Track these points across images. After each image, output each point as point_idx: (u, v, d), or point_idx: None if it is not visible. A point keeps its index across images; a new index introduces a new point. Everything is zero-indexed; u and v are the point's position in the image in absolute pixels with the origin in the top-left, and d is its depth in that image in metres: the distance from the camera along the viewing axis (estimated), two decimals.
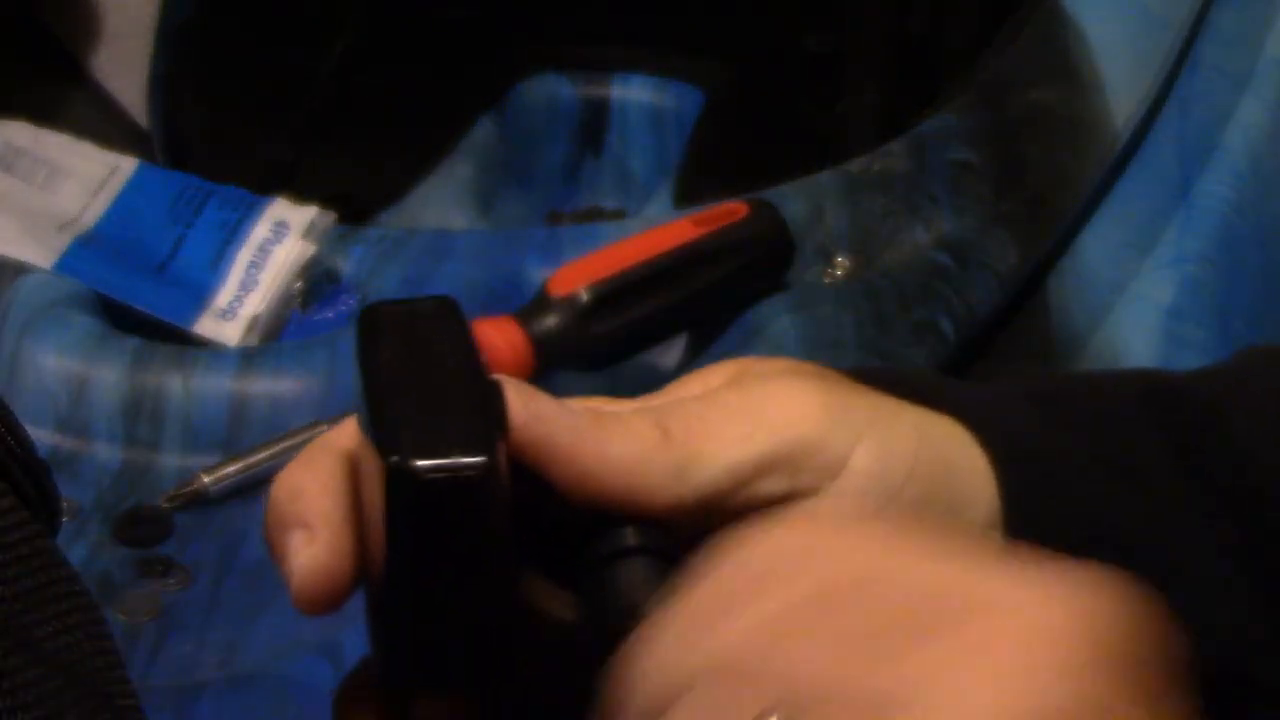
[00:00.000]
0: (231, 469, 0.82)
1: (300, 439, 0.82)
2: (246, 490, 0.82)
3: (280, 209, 0.93)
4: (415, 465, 0.43)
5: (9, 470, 0.49)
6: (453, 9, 1.28)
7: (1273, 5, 1.09)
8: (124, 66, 1.10)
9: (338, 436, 0.49)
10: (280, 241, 0.92)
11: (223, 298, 0.90)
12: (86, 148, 0.95)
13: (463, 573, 0.45)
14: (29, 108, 0.98)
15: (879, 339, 0.86)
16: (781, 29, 1.27)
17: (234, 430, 0.84)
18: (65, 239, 0.90)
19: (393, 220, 1.17)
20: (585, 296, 0.86)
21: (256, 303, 0.90)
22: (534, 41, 1.29)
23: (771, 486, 0.51)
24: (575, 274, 0.86)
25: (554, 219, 1.24)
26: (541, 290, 0.86)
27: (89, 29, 1.11)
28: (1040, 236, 0.93)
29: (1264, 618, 0.54)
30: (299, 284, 0.91)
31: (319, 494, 0.48)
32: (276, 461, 0.82)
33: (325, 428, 0.83)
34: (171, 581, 0.78)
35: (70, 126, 0.97)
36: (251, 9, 1.21)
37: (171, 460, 0.84)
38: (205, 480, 0.82)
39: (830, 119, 1.23)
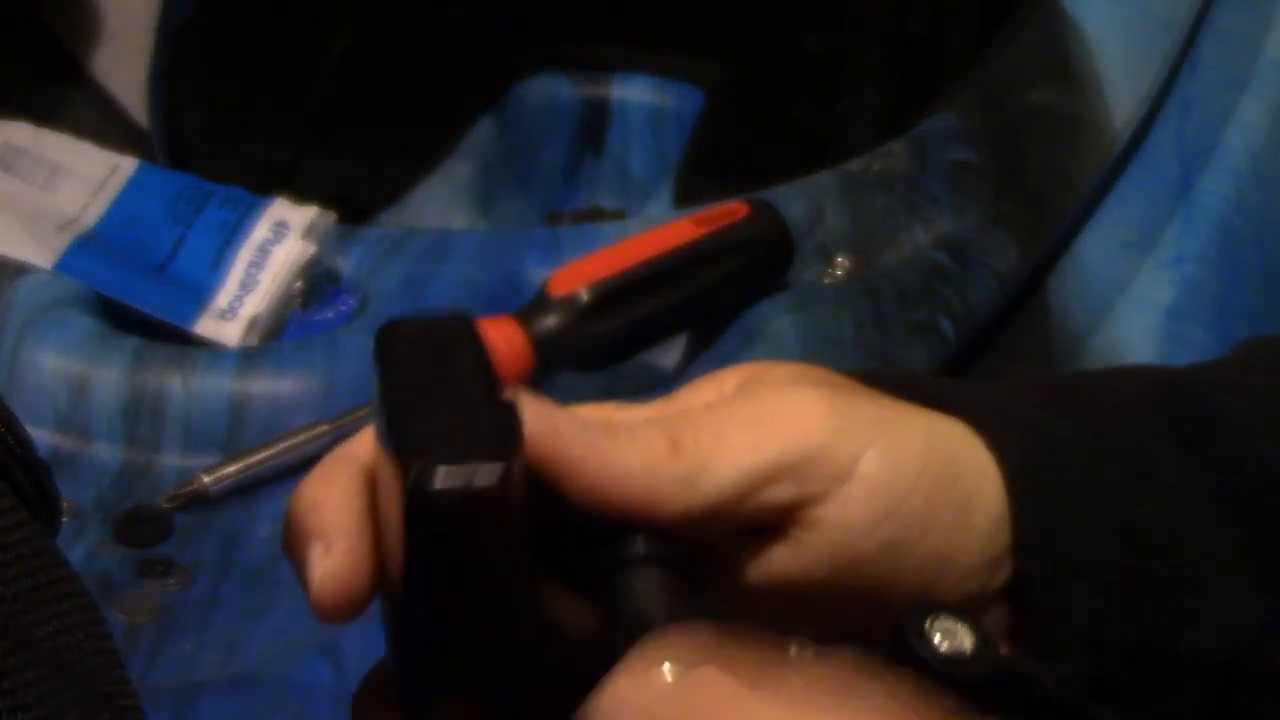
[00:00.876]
0: (231, 469, 0.82)
1: (300, 439, 0.82)
2: (246, 490, 0.82)
3: (280, 209, 0.93)
4: (433, 478, 0.44)
5: (9, 470, 0.49)
6: (453, 9, 1.28)
7: (1273, 5, 1.09)
8: (124, 66, 1.10)
9: (354, 448, 0.50)
10: (280, 241, 0.92)
11: (223, 298, 0.90)
12: (86, 148, 0.95)
13: (479, 583, 0.46)
14: (29, 108, 0.98)
15: (879, 339, 0.86)
16: (781, 29, 1.27)
17: (234, 430, 0.84)
18: (65, 239, 0.90)
19: (393, 220, 1.17)
20: (585, 296, 0.86)
21: (256, 303, 0.90)
22: (534, 41, 1.29)
23: (780, 494, 0.51)
24: (575, 274, 0.86)
25: (554, 219, 1.25)
26: (541, 290, 0.86)
27: (89, 29, 1.11)
28: (1040, 236, 0.93)
29: (1274, 610, 0.54)
30: (299, 284, 0.91)
31: (336, 506, 0.49)
32: (276, 461, 0.82)
33: (325, 428, 0.83)
34: (171, 581, 0.78)
35: (70, 126, 0.97)
36: (251, 9, 1.21)
37: (171, 460, 0.84)
38: (205, 480, 0.82)
39: (830, 119, 1.23)
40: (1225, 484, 0.54)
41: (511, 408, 0.47)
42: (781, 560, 0.52)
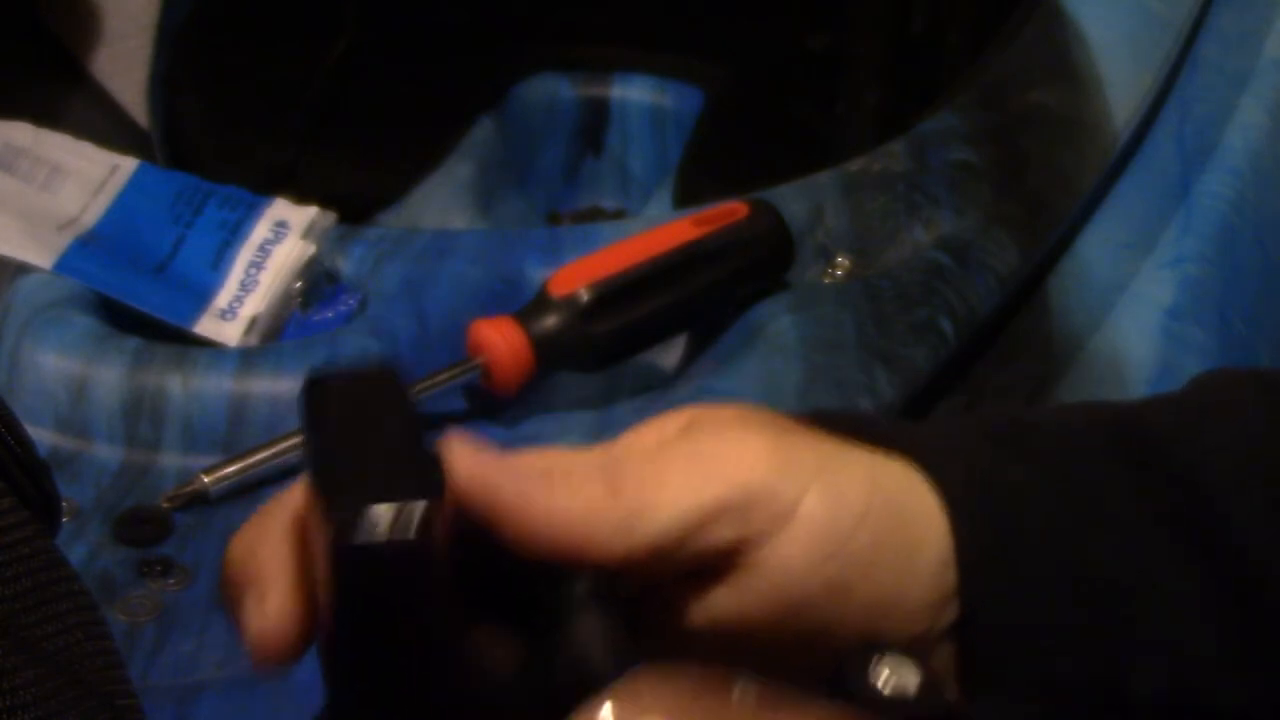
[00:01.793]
0: (231, 469, 0.82)
1: (300, 439, 0.82)
2: (246, 490, 0.82)
3: (280, 209, 0.93)
4: (355, 532, 0.45)
5: (9, 470, 0.49)
6: (452, 9, 1.29)
7: (1273, 5, 1.09)
8: (124, 66, 1.10)
9: (288, 497, 0.50)
10: (280, 241, 0.92)
11: (223, 298, 0.90)
12: (86, 148, 0.95)
13: (404, 629, 0.47)
14: (29, 108, 0.98)
15: (879, 339, 0.86)
16: (781, 29, 1.27)
17: (234, 430, 0.84)
18: (65, 239, 0.90)
19: (393, 220, 1.17)
20: (585, 296, 0.86)
21: (256, 303, 0.90)
22: (534, 41, 1.29)
23: (721, 535, 0.51)
24: (575, 274, 0.86)
25: (554, 219, 1.25)
26: (541, 290, 0.86)
27: (89, 29, 1.11)
28: (1040, 236, 0.93)
29: (1224, 643, 0.54)
30: (299, 284, 0.91)
31: (270, 556, 0.49)
32: (276, 461, 0.82)
33: None
34: (171, 581, 0.78)
35: (70, 126, 0.97)
36: (251, 9, 1.21)
37: (171, 460, 0.84)
38: (205, 480, 0.82)
39: (830, 119, 1.23)
40: (1176, 523, 0.54)
41: (435, 458, 0.49)
42: (724, 601, 0.52)
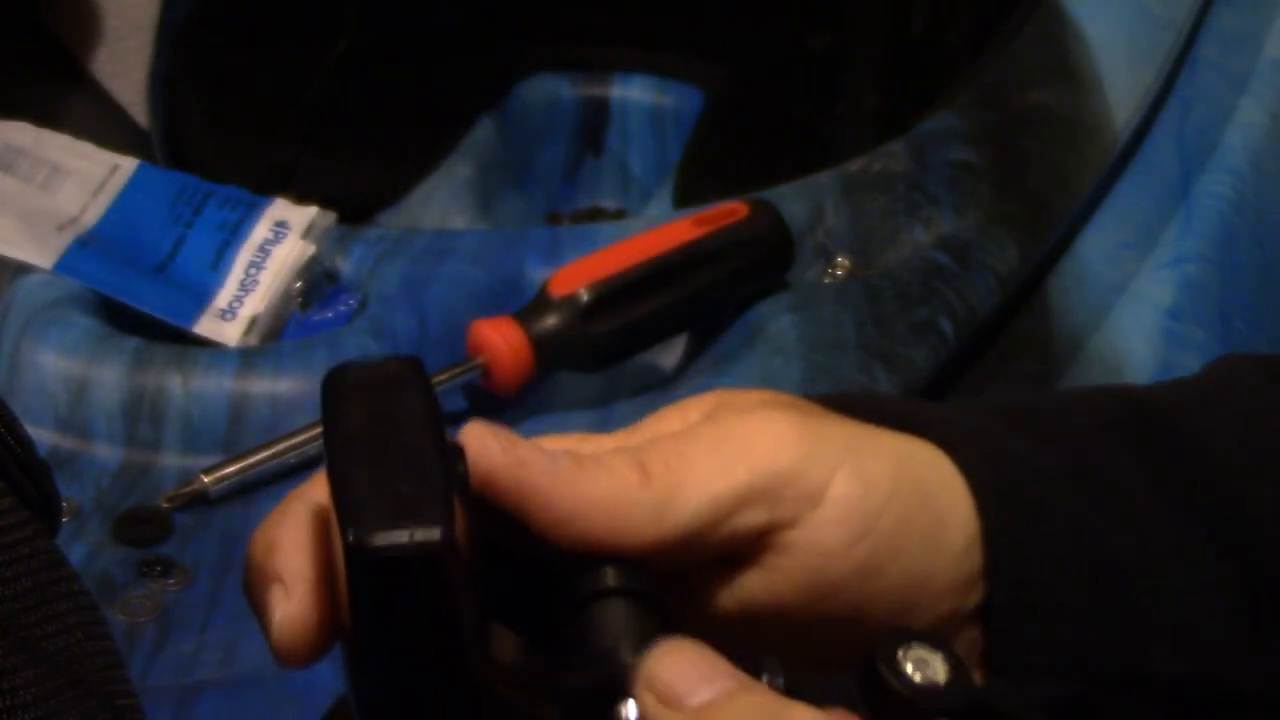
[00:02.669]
0: (231, 469, 0.82)
1: (300, 439, 0.82)
2: (246, 490, 0.82)
3: (280, 209, 0.93)
4: (372, 540, 0.45)
5: (9, 470, 0.49)
6: (452, 9, 1.29)
7: (1273, 5, 1.09)
8: (124, 66, 1.10)
9: (311, 488, 0.50)
10: (280, 241, 0.92)
11: (223, 298, 0.90)
12: (86, 148, 0.95)
13: (423, 632, 0.46)
14: (29, 108, 0.98)
15: (879, 339, 0.86)
16: (781, 29, 1.27)
17: (234, 430, 0.84)
18: (65, 239, 0.90)
19: (393, 220, 1.17)
20: (585, 296, 0.86)
21: (256, 303, 0.90)
22: (534, 41, 1.29)
23: (752, 519, 0.51)
24: (575, 274, 0.86)
25: (554, 219, 1.25)
26: (541, 290, 0.86)
27: (89, 29, 1.11)
28: (1040, 236, 0.93)
29: (1241, 627, 0.54)
30: (299, 284, 0.91)
31: (293, 550, 0.49)
32: (276, 461, 0.82)
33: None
34: (171, 581, 0.78)
35: (70, 126, 0.97)
36: (252, 9, 1.21)
37: (171, 460, 0.84)
38: (205, 480, 0.82)
39: (830, 119, 1.23)
40: (1194, 505, 0.54)
41: (458, 450, 0.48)
42: (755, 586, 0.52)
